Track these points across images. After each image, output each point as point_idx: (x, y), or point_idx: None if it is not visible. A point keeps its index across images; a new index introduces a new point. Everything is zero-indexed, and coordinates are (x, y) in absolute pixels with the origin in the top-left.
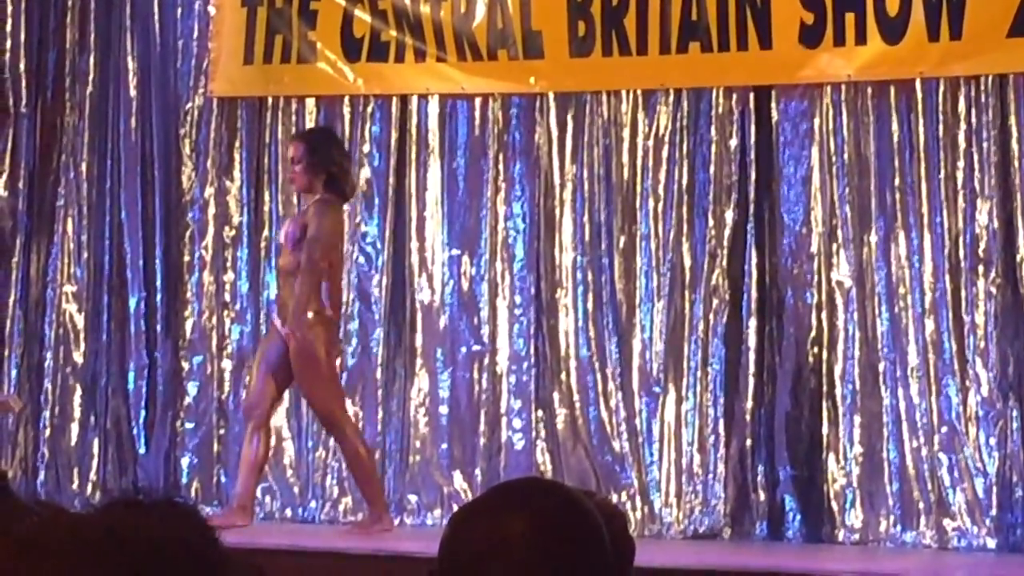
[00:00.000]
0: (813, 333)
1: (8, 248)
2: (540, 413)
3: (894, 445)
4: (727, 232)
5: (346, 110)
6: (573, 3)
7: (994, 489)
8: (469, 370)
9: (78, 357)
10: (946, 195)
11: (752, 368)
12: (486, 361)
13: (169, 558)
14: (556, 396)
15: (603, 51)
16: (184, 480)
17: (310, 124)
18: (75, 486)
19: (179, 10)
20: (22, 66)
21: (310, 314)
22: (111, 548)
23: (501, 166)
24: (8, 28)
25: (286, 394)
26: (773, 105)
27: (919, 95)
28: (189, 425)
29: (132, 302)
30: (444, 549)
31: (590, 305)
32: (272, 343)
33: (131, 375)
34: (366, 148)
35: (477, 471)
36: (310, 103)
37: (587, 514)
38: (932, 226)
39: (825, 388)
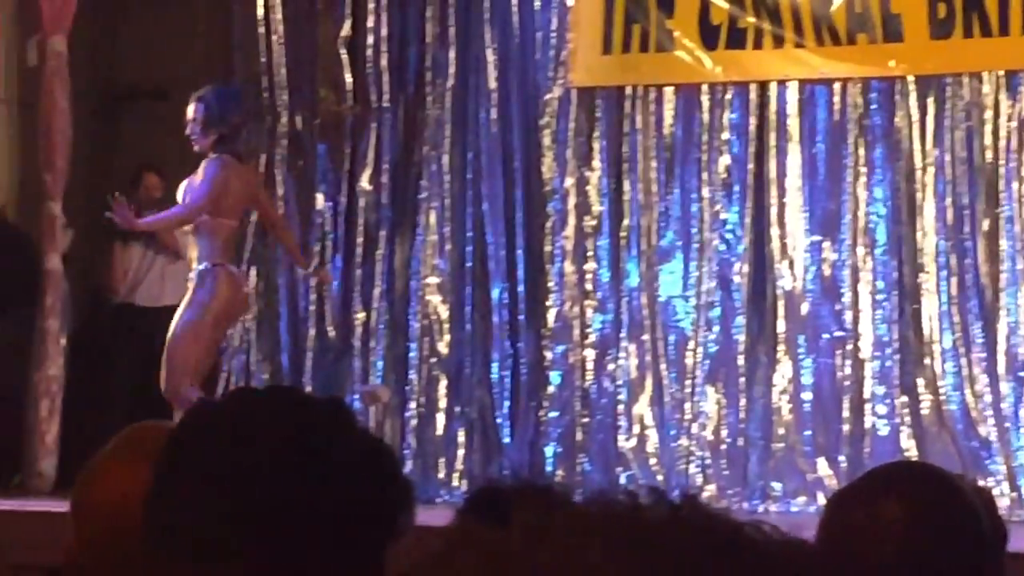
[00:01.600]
0: None
1: (372, 241)
2: (904, 399)
3: None
4: None
5: (704, 98)
6: None
7: None
8: (832, 356)
9: (443, 348)
10: None
11: None
12: (849, 347)
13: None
14: (920, 381)
15: (964, 33)
16: (548, 468)
17: (669, 113)
18: (441, 475)
19: (537, 2)
20: (384, 61)
21: (209, 265)
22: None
23: (861, 151)
24: (370, 24)
25: (647, 382)
26: None
27: None
28: (553, 414)
29: (495, 293)
30: (822, 533)
31: (954, 289)
32: None
33: (495, 365)
34: (725, 135)
35: (841, 458)
36: (668, 91)
37: (964, 498)
38: None
39: None
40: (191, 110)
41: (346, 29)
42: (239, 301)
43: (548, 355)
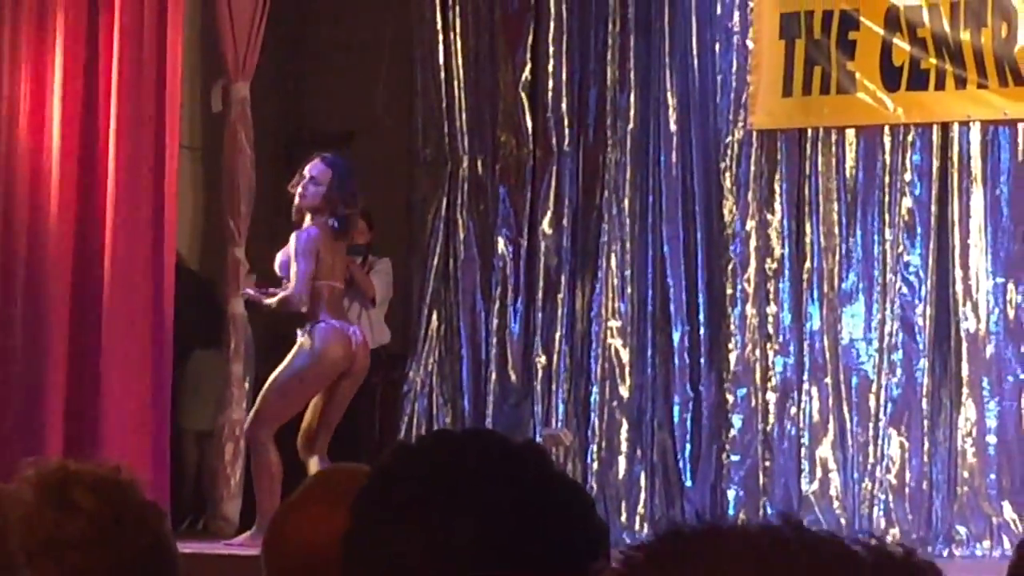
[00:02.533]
0: None
1: (553, 285)
2: None
3: None
4: None
5: (886, 139)
6: None
7: None
8: (1016, 399)
9: (624, 391)
10: None
11: None
12: None
13: None
14: None
15: None
16: (730, 512)
17: (850, 155)
18: (623, 519)
19: (717, 45)
20: (564, 105)
21: (310, 326)
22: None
23: None
24: (549, 68)
25: (830, 425)
26: None
27: None
28: (735, 458)
29: (676, 336)
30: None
31: None
32: None
33: (676, 408)
34: (907, 177)
35: None
36: (850, 134)
37: None
38: None
39: None
40: (317, 170)
41: (526, 73)
42: (342, 359)
43: (730, 398)
